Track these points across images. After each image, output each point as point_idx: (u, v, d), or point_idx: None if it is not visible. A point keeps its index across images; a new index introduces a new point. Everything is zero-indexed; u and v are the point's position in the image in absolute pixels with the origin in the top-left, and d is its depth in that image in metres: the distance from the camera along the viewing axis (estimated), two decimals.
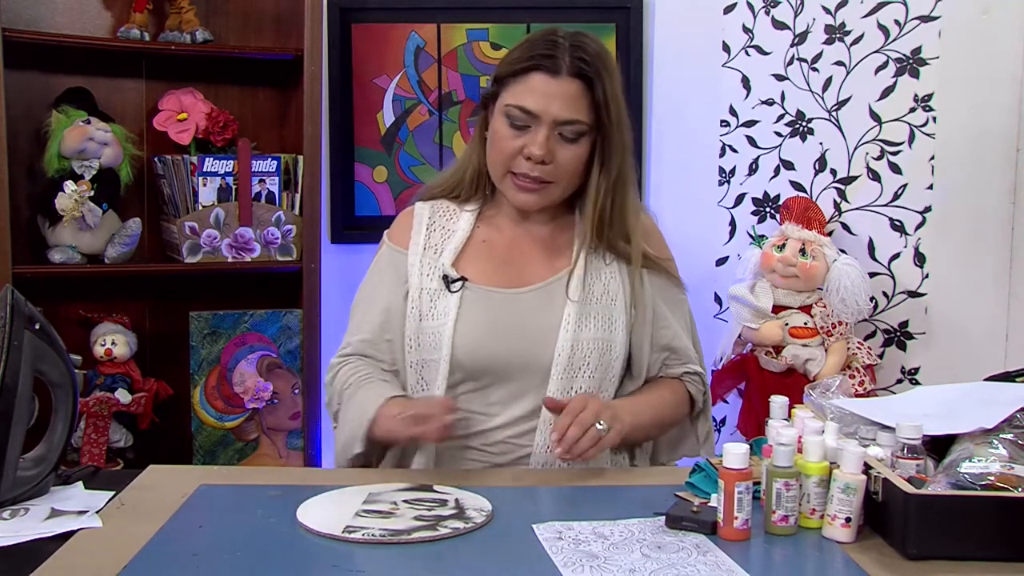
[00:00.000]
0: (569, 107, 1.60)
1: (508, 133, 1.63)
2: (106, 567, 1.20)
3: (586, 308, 1.66)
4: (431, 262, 1.70)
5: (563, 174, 1.64)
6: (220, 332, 2.65)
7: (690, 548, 1.28)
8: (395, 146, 2.94)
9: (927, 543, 1.24)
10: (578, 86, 1.61)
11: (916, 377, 2.91)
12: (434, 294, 1.68)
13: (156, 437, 2.64)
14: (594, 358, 1.65)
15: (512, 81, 1.64)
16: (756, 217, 2.93)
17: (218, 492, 1.48)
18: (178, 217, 2.58)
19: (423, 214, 1.76)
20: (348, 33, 2.88)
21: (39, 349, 1.43)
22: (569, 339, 1.64)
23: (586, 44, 1.63)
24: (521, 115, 1.62)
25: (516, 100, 1.62)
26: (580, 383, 1.64)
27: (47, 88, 2.59)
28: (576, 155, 1.63)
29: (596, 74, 1.61)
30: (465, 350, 1.64)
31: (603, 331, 1.66)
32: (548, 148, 1.61)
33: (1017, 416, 1.37)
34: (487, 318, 1.65)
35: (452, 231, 1.73)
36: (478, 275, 1.69)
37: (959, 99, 2.82)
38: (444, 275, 1.68)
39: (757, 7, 2.88)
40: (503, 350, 1.64)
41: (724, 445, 1.32)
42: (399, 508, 1.40)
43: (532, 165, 1.62)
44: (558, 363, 1.63)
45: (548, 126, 1.60)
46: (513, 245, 1.73)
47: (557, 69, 1.60)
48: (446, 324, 1.64)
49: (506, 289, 1.68)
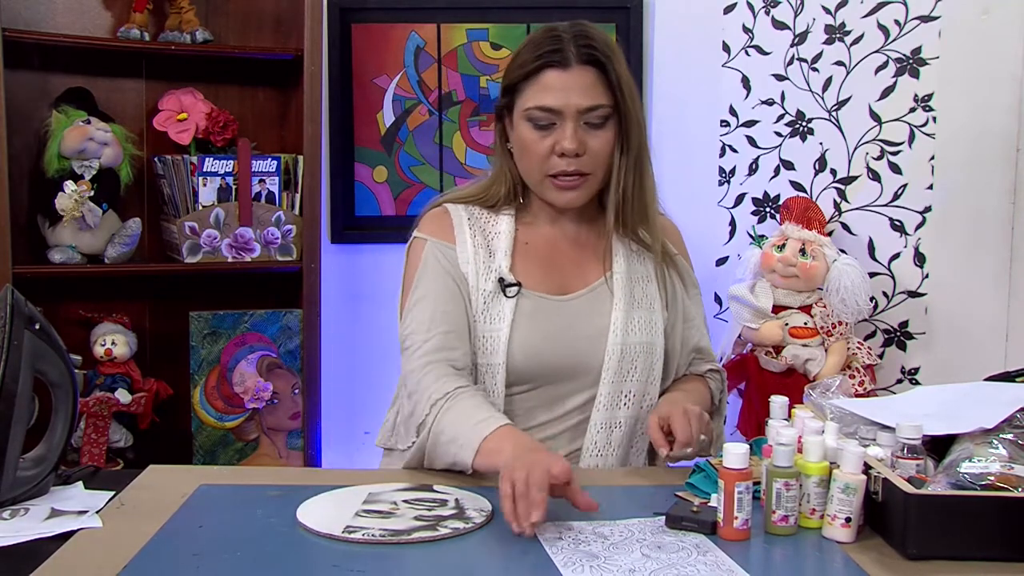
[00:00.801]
0: (588, 94, 1.61)
1: (535, 136, 1.63)
2: (106, 567, 1.20)
3: (631, 312, 1.69)
4: (484, 262, 1.69)
5: (599, 162, 1.65)
6: (220, 332, 2.65)
7: (690, 548, 1.28)
8: (395, 146, 2.94)
9: (927, 543, 1.24)
10: (591, 72, 1.62)
11: (916, 377, 2.91)
12: (488, 296, 1.67)
13: (156, 437, 2.64)
14: (641, 360, 1.69)
15: (525, 85, 1.64)
16: (756, 217, 2.93)
17: (218, 492, 1.48)
18: (178, 217, 2.58)
19: (460, 214, 1.73)
20: (348, 33, 2.88)
21: (39, 349, 1.43)
22: (618, 343, 1.67)
23: (589, 31, 1.65)
24: (543, 115, 1.62)
25: (535, 101, 1.62)
26: (629, 386, 1.68)
27: (47, 88, 2.59)
28: (606, 140, 1.64)
29: (606, 57, 1.62)
30: (521, 357, 1.65)
31: (647, 334, 1.70)
32: (579, 139, 1.61)
33: (1017, 416, 1.37)
34: (541, 325, 1.67)
35: (496, 232, 1.72)
36: (528, 280, 1.69)
37: (959, 99, 2.82)
38: (500, 278, 1.68)
39: (757, 7, 2.88)
40: (557, 357, 1.66)
41: (724, 445, 1.32)
42: (399, 508, 1.40)
43: (568, 161, 1.62)
44: (608, 367, 1.66)
45: (573, 118, 1.61)
46: (552, 248, 1.74)
47: (567, 61, 1.61)
48: (502, 330, 1.65)
49: (555, 296, 1.70)
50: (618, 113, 1.64)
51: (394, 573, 1.22)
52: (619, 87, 1.63)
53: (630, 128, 1.65)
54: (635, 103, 1.66)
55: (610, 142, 1.65)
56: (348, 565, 1.22)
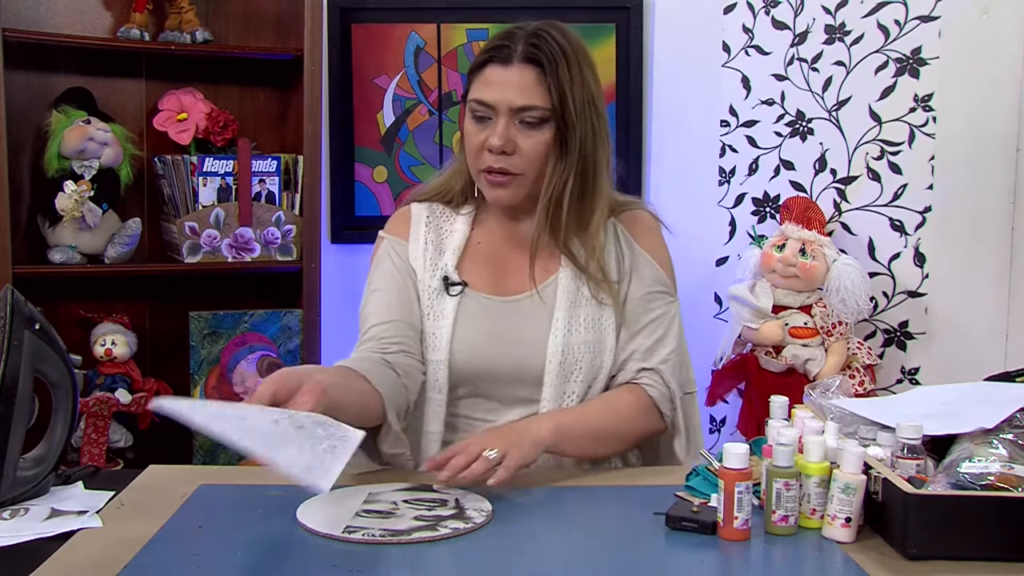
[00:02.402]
0: (524, 93, 1.58)
1: (473, 129, 1.62)
2: (106, 567, 1.20)
3: (575, 311, 1.66)
4: (433, 259, 1.71)
5: (529, 164, 1.61)
6: (220, 332, 2.65)
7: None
8: (395, 146, 2.94)
9: (927, 543, 1.24)
10: (532, 71, 1.59)
11: (916, 377, 2.91)
12: (434, 293, 1.68)
13: (156, 437, 2.64)
14: (585, 361, 1.65)
15: (473, 78, 1.64)
16: (756, 217, 2.93)
17: (218, 492, 1.48)
18: (178, 217, 2.58)
19: (420, 213, 1.76)
20: (348, 33, 2.88)
21: (39, 349, 1.43)
22: (559, 345, 1.64)
23: (547, 32, 1.61)
24: (480, 108, 1.61)
25: (475, 94, 1.62)
26: (573, 387, 1.65)
27: (47, 88, 2.59)
28: (539, 142, 1.60)
29: (549, 58, 1.58)
30: (462, 356, 1.65)
31: (593, 333, 1.66)
32: (507, 137, 1.59)
33: (1017, 416, 1.37)
34: (483, 326, 1.66)
35: (450, 231, 1.73)
36: (475, 280, 1.69)
37: (959, 99, 2.82)
38: (445, 276, 1.68)
39: (757, 7, 2.88)
40: (498, 358, 1.65)
41: (724, 445, 1.32)
42: (399, 508, 1.40)
43: (496, 157, 1.60)
44: (550, 370, 1.64)
45: (506, 115, 1.59)
46: (505, 248, 1.72)
47: (508, 58, 1.59)
48: (444, 328, 1.65)
49: (499, 297, 1.68)
50: (558, 119, 1.59)
51: (394, 573, 1.22)
52: (562, 90, 1.58)
53: (570, 134, 1.60)
54: (585, 112, 1.60)
55: (544, 144, 1.60)
56: (348, 565, 1.22)
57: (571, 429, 1.58)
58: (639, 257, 1.71)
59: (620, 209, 1.74)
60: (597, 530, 1.35)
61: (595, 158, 1.63)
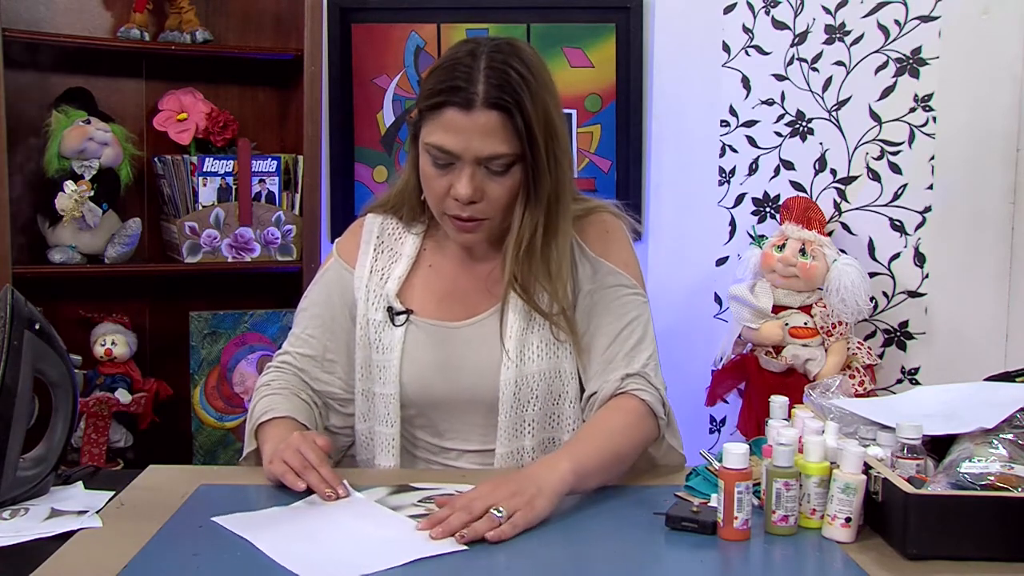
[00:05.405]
0: (490, 141, 1.48)
1: (434, 172, 1.53)
2: (106, 567, 1.20)
3: (528, 337, 1.59)
4: (377, 289, 1.65)
5: (497, 209, 1.54)
6: (220, 332, 2.65)
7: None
8: (395, 146, 2.94)
9: (927, 543, 1.24)
10: (496, 116, 1.47)
11: (916, 377, 2.90)
12: (379, 325, 1.63)
13: (156, 437, 2.64)
14: (542, 388, 1.59)
15: (428, 116, 1.51)
16: (756, 217, 2.93)
17: (218, 492, 1.48)
18: (178, 217, 2.58)
19: (372, 231, 1.70)
20: (348, 33, 2.88)
21: (39, 349, 1.43)
22: (512, 374, 1.58)
23: (506, 64, 1.49)
24: (442, 155, 1.50)
25: (433, 139, 1.50)
26: (530, 414, 1.59)
27: (47, 88, 2.59)
28: (507, 187, 1.52)
29: (515, 103, 1.47)
30: (413, 387, 1.61)
31: (549, 360, 1.59)
32: (475, 187, 1.50)
33: (1017, 416, 1.37)
34: (432, 354, 1.61)
35: (399, 255, 1.67)
36: (422, 307, 1.64)
37: (959, 99, 2.82)
38: (389, 307, 1.63)
39: (757, 7, 2.88)
40: (450, 386, 1.60)
41: (724, 445, 1.32)
42: None
43: (462, 207, 1.52)
44: (504, 399, 1.58)
45: (471, 164, 1.50)
46: (457, 270, 1.66)
47: (470, 103, 1.47)
48: (392, 360, 1.61)
49: (449, 323, 1.63)
50: (525, 161, 1.51)
51: (393, 572, 1.22)
52: (528, 134, 1.48)
53: (539, 178, 1.51)
54: (551, 148, 1.52)
55: (512, 189, 1.52)
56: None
57: (589, 464, 1.45)
58: (595, 264, 1.64)
59: (576, 218, 1.64)
60: (597, 530, 1.35)
61: (559, 190, 1.56)
